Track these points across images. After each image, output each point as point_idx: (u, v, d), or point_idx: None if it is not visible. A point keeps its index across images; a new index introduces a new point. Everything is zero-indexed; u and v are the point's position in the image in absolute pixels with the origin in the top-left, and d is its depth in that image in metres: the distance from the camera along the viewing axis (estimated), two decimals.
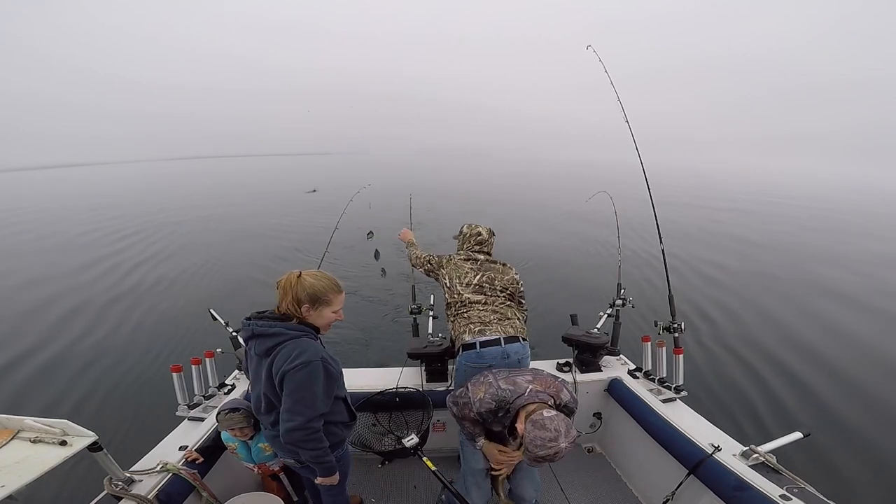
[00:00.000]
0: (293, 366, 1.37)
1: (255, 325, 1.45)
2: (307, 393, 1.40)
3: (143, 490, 1.63)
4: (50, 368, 4.84)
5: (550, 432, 1.40)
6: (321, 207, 17.20)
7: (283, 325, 1.44)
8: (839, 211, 21.77)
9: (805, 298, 7.73)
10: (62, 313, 6.43)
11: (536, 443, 1.41)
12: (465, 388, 1.76)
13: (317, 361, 1.40)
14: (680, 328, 2.47)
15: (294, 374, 1.37)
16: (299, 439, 1.43)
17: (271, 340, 1.43)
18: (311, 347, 1.43)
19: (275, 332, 1.43)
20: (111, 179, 42.32)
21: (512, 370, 1.77)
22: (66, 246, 11.05)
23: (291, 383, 1.38)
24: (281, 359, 1.40)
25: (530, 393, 1.57)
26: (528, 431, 1.44)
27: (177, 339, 5.55)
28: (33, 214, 17.15)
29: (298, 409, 1.40)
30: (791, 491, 1.63)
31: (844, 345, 5.81)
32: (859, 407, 4.30)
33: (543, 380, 1.66)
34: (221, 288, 7.72)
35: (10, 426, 1.40)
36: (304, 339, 1.44)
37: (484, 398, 1.63)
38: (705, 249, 11.27)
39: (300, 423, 1.40)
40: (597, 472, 2.62)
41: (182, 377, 2.24)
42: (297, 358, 1.38)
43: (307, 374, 1.38)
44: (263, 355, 1.45)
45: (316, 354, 1.41)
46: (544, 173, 48.10)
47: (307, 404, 1.40)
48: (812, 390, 4.61)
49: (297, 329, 1.45)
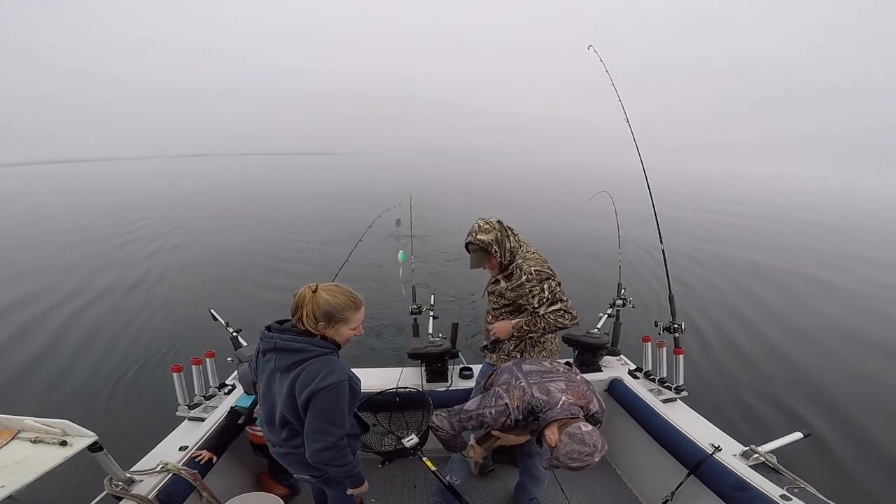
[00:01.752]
0: (322, 387, 1.33)
1: (279, 338, 1.40)
2: (335, 413, 1.38)
3: (144, 490, 1.63)
4: (50, 368, 4.84)
5: (588, 447, 1.41)
6: (340, 216, 16.68)
7: (307, 341, 1.39)
8: (841, 212, 21.78)
9: (805, 298, 7.73)
10: (62, 313, 6.43)
11: (573, 455, 1.41)
12: (493, 396, 1.65)
13: (344, 381, 1.38)
14: (680, 328, 2.47)
15: (324, 394, 1.34)
16: (329, 459, 1.42)
17: (295, 356, 1.38)
18: (339, 367, 1.40)
19: (299, 347, 1.38)
20: (118, 176, 42.31)
21: (546, 373, 1.70)
22: (66, 245, 11.05)
23: (320, 404, 1.35)
24: (307, 377, 1.36)
25: (563, 406, 1.54)
26: (565, 444, 1.43)
27: (177, 340, 5.55)
28: (33, 209, 17.16)
29: (327, 430, 1.38)
30: (791, 491, 1.63)
31: (844, 345, 5.81)
32: (859, 407, 4.30)
33: (576, 389, 1.63)
34: (222, 288, 7.72)
35: (10, 426, 1.40)
36: (330, 358, 1.41)
37: (519, 405, 1.59)
38: (705, 250, 11.27)
39: (330, 442, 1.38)
40: (597, 472, 2.61)
41: (182, 377, 2.24)
42: (325, 378, 1.34)
43: (336, 395, 1.36)
44: (284, 370, 1.40)
45: (343, 374, 1.39)
46: (544, 173, 48.13)
47: (336, 424, 1.39)
48: (812, 390, 4.62)
49: (322, 346, 1.41)
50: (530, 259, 2.02)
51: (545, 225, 14.06)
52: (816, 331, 6.27)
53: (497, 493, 2.45)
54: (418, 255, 4.36)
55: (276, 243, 11.33)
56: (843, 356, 5.44)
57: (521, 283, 1.97)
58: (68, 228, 13.32)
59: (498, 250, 1.99)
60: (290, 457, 1.54)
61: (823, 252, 11.83)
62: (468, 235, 2.04)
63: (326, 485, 1.68)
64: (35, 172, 57.50)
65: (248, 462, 2.38)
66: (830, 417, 4.14)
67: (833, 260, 10.96)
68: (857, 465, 3.50)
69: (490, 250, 1.98)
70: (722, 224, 16.42)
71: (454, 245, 10.34)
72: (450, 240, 11.01)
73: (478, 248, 2.01)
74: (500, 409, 1.60)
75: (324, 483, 1.66)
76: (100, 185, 32.14)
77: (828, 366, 5.17)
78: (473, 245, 2.01)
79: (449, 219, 14.65)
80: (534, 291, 1.96)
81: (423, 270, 8.04)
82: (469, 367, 2.72)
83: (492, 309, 2.18)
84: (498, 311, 2.14)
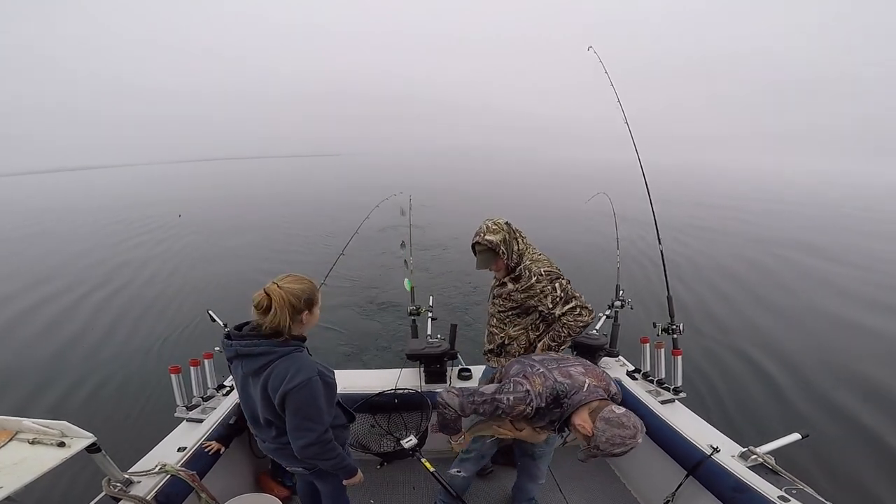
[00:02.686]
0: (292, 386, 1.33)
1: (240, 345, 1.39)
2: (312, 409, 1.39)
3: (142, 491, 1.63)
4: (48, 369, 4.83)
5: (629, 429, 1.37)
6: (337, 211, 16.96)
7: (269, 343, 1.38)
8: (839, 207, 21.80)
9: (805, 298, 7.73)
10: (60, 314, 6.43)
11: (615, 441, 1.36)
12: (511, 383, 1.56)
13: (314, 377, 1.38)
14: (679, 329, 2.47)
15: (296, 393, 1.34)
16: (316, 454, 1.44)
17: (261, 360, 1.38)
18: (306, 363, 1.40)
19: (262, 350, 1.37)
20: (118, 183, 42.27)
21: (560, 360, 1.65)
22: (66, 245, 11.05)
23: (295, 403, 1.36)
24: (276, 379, 1.35)
25: (589, 388, 1.49)
26: (603, 430, 1.39)
27: (175, 341, 5.55)
28: (36, 215, 17.18)
29: (307, 426, 1.39)
30: (790, 492, 1.63)
31: (844, 344, 5.81)
32: (859, 407, 4.31)
33: (594, 372, 1.59)
34: (220, 289, 7.71)
35: (8, 427, 1.40)
36: (295, 355, 1.40)
37: (542, 392, 1.52)
38: (705, 249, 11.28)
39: (312, 438, 1.40)
40: (595, 474, 2.61)
41: (180, 378, 2.24)
42: (294, 377, 1.34)
43: (309, 391, 1.37)
44: (254, 375, 1.40)
45: (312, 370, 1.39)
46: (544, 174, 48.15)
47: (315, 420, 1.40)
48: (812, 391, 4.62)
49: (285, 344, 1.40)
50: (538, 260, 1.99)
51: (543, 224, 14.06)
52: (817, 330, 6.27)
53: (495, 495, 2.45)
54: (417, 257, 4.36)
55: (276, 244, 11.34)
56: (843, 356, 5.45)
57: (530, 285, 1.94)
58: (69, 231, 13.32)
59: (506, 252, 1.94)
60: (281, 451, 1.55)
61: (824, 250, 11.82)
62: (475, 236, 1.99)
63: (319, 478, 1.68)
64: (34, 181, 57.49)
65: (248, 462, 2.38)
66: (829, 418, 4.15)
67: (836, 257, 10.95)
68: (855, 466, 3.50)
69: (498, 251, 1.93)
70: (721, 222, 16.41)
71: (454, 245, 10.37)
72: (450, 239, 11.03)
73: (485, 249, 1.96)
74: (520, 395, 1.50)
75: (316, 476, 1.67)
76: (97, 192, 32.12)
77: (827, 366, 5.17)
78: (481, 246, 1.96)
79: (449, 219, 14.68)
80: (545, 291, 1.93)
81: (423, 270, 8.06)
82: (468, 369, 2.72)
83: (497, 312, 2.13)
84: (504, 314, 2.10)
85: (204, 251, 10.54)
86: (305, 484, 1.90)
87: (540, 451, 1.98)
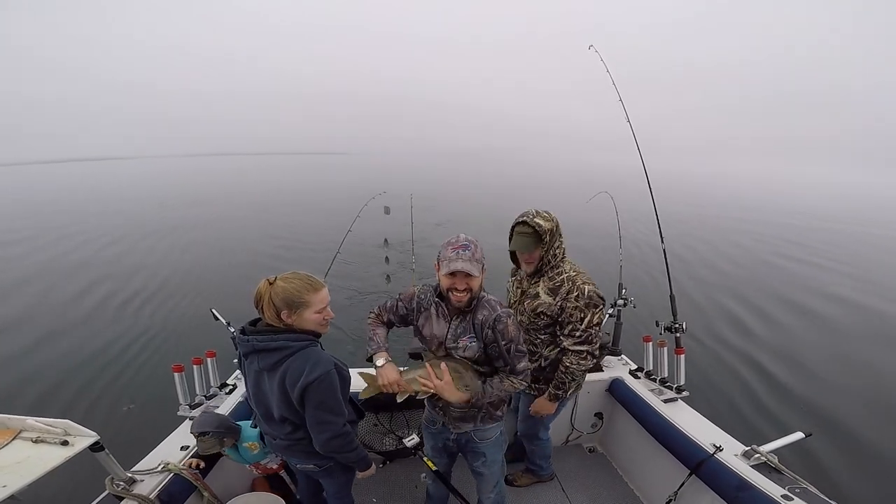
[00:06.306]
0: (312, 380, 1.34)
1: (256, 340, 1.39)
2: (333, 402, 1.40)
3: (145, 490, 1.63)
4: (51, 368, 4.85)
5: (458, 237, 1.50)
6: (334, 210, 17.04)
7: (285, 338, 1.38)
8: (839, 213, 21.73)
9: (805, 298, 7.71)
10: (63, 313, 6.44)
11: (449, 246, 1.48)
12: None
13: (332, 370, 1.39)
14: (682, 328, 2.46)
15: (316, 387, 1.35)
16: (339, 446, 1.45)
17: (277, 354, 1.37)
18: (322, 357, 1.40)
19: (278, 345, 1.37)
20: (125, 176, 42.33)
21: None
22: (65, 244, 11.06)
23: (316, 397, 1.36)
24: (294, 374, 1.35)
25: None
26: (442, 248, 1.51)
27: (178, 339, 5.56)
28: (36, 207, 17.19)
29: (329, 419, 1.40)
30: (793, 491, 1.63)
31: (845, 345, 5.80)
32: (860, 407, 4.29)
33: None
34: (223, 287, 7.73)
35: (11, 426, 1.40)
36: (311, 350, 1.41)
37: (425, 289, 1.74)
38: (706, 249, 11.25)
39: (336, 431, 1.42)
40: (598, 472, 2.61)
41: (184, 377, 2.24)
42: (312, 371, 1.34)
43: (329, 384, 1.38)
44: (270, 370, 1.40)
45: (329, 363, 1.40)
46: (544, 174, 48.09)
47: (336, 412, 1.42)
48: (813, 390, 4.61)
49: (301, 339, 1.40)
50: (583, 274, 1.83)
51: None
52: (817, 331, 6.26)
53: None
54: (420, 255, 4.37)
55: (277, 242, 11.33)
56: (843, 356, 5.43)
57: (566, 298, 1.78)
58: (70, 227, 13.33)
59: (549, 243, 1.78)
60: (293, 448, 1.55)
61: (825, 252, 11.80)
62: (522, 216, 1.81)
63: (326, 476, 1.68)
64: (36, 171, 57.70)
65: None
66: (832, 417, 4.14)
67: (837, 259, 10.93)
68: (858, 465, 3.49)
69: (543, 239, 1.77)
70: (721, 224, 16.39)
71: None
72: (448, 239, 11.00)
73: (531, 233, 1.77)
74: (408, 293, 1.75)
75: (324, 475, 1.67)
76: (102, 185, 32.18)
77: (830, 365, 5.16)
78: (527, 227, 1.78)
79: (449, 219, 14.67)
80: (575, 315, 1.77)
81: (425, 269, 8.03)
82: None
83: (528, 325, 1.92)
84: (538, 332, 1.92)
85: (207, 249, 10.55)
86: (307, 483, 1.90)
87: (483, 468, 1.82)
